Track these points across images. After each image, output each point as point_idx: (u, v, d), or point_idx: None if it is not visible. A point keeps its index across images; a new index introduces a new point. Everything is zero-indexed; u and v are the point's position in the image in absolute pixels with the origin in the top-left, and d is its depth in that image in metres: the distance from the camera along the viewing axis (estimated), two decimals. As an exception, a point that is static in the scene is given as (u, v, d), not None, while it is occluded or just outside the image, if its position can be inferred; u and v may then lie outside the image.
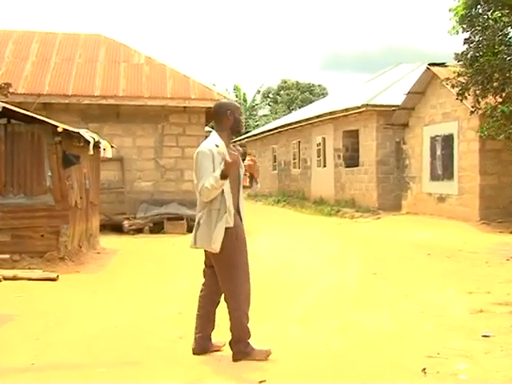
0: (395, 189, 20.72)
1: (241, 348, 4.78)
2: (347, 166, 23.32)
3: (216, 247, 4.64)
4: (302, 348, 5.17)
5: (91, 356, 4.97)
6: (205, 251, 4.86)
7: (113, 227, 15.43)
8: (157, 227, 15.51)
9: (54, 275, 8.59)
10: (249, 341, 4.83)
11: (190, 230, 15.12)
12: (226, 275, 4.74)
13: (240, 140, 38.97)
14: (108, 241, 13.06)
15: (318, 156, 26.00)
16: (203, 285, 4.99)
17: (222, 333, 5.05)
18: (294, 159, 28.99)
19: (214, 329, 5.00)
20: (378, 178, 20.98)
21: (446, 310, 6.65)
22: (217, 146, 4.71)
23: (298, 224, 18.10)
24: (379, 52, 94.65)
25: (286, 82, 56.08)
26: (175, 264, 10.28)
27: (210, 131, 5.26)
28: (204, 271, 5.00)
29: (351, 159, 23.26)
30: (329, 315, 6.45)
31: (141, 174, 16.35)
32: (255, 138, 34.44)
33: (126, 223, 15.33)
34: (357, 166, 22.44)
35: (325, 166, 25.35)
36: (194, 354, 4.91)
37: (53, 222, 9.68)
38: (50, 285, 8.18)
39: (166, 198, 16.24)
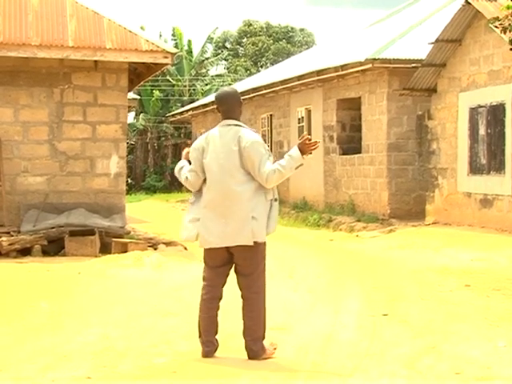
0: (416, 187, 20.87)
1: (260, 345, 6.94)
2: (344, 153, 23.41)
3: (264, 235, 7.16)
4: None
5: None
6: (211, 250, 7.03)
7: (-17, 247, 15.26)
8: (54, 246, 15.37)
9: None
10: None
11: (104, 249, 15.02)
12: (261, 267, 7.11)
13: (182, 113, 38.88)
14: (-24, 268, 12.93)
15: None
16: (209, 286, 7.08)
17: None
18: (264, 142, 29.01)
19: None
20: (389, 170, 21.11)
21: (495, 371, 6.68)
22: None
23: (271, 240, 18.11)
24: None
25: (250, 26, 56.25)
26: (82, 303, 10.21)
27: (135, 99, 5.54)
28: (209, 272, 7.09)
29: (350, 142, 23.36)
30: (315, 380, 6.42)
31: (28, 164, 16.17)
32: (204, 109, 34.28)
33: (4, 240, 15.16)
34: (358, 152, 22.55)
35: (310, 153, 25.40)
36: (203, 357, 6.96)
37: None
38: None
39: (67, 201, 16.11)
